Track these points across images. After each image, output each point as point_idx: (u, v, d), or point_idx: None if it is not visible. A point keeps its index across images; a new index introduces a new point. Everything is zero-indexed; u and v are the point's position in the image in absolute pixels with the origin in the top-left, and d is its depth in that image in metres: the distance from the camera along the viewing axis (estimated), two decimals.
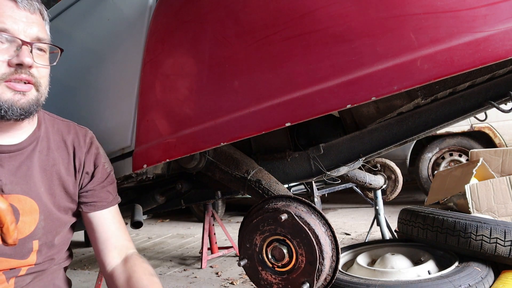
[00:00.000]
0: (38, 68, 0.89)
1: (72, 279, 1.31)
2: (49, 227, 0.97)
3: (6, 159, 0.91)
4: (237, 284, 2.45)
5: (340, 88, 0.81)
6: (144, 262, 1.03)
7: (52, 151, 1.00)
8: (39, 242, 0.95)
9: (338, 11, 0.81)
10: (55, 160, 1.00)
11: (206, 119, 0.98)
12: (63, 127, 1.05)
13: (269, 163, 1.40)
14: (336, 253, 0.98)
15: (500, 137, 3.81)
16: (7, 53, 0.84)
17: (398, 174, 2.24)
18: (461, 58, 0.72)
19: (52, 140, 1.01)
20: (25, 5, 0.86)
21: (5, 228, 0.70)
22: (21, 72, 0.84)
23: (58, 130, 1.03)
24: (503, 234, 1.27)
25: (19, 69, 0.84)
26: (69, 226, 1.05)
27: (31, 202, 0.93)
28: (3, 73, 0.83)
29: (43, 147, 0.99)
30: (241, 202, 5.75)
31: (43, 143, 0.99)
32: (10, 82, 0.84)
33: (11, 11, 0.85)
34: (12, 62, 0.83)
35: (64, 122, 1.07)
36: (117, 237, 1.05)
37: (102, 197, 1.06)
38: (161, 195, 1.65)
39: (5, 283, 0.91)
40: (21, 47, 0.84)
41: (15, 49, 0.84)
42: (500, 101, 1.11)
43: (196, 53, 1.01)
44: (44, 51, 0.92)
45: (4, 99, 0.83)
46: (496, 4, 0.71)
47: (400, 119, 1.26)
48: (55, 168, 0.99)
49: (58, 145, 1.02)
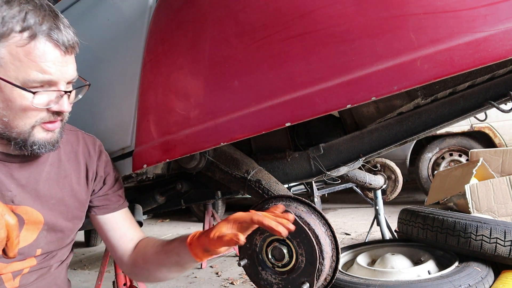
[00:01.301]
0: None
1: (72, 279, 1.31)
2: (51, 237, 0.98)
3: (16, 169, 0.91)
4: (237, 284, 2.45)
5: (340, 88, 0.81)
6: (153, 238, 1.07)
7: (63, 163, 1.01)
8: (42, 251, 0.97)
9: (338, 11, 0.81)
10: (66, 172, 1.01)
11: (206, 119, 0.98)
12: (72, 137, 1.07)
13: (269, 163, 1.40)
14: (336, 253, 0.98)
15: (500, 137, 3.81)
16: (49, 100, 0.84)
17: (398, 174, 2.24)
18: (461, 58, 0.72)
19: (63, 152, 1.02)
20: (66, 49, 0.84)
21: (10, 242, 0.71)
22: (58, 116, 0.87)
23: (68, 141, 1.05)
24: (503, 234, 1.27)
25: (56, 114, 0.86)
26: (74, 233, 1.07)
27: (38, 214, 0.94)
28: (42, 118, 0.85)
29: (54, 159, 1.00)
30: (241, 202, 5.75)
31: (54, 155, 1.00)
32: (46, 124, 0.86)
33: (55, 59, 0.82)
34: (52, 109, 0.85)
35: (72, 132, 1.08)
36: (133, 231, 1.10)
37: (114, 200, 1.10)
38: (161, 195, 1.65)
39: (11, 281, 0.93)
40: (62, 96, 0.85)
41: (56, 95, 0.85)
42: (500, 101, 1.11)
43: (196, 53, 1.01)
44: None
45: (37, 138, 0.86)
46: (496, 4, 0.71)
47: (400, 119, 1.26)
48: (67, 179, 1.01)
49: (69, 156, 1.03)
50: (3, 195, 0.89)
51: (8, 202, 0.90)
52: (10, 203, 0.90)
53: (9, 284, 0.92)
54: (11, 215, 0.72)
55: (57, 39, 0.81)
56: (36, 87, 0.81)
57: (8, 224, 0.70)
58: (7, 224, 0.70)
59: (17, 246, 0.72)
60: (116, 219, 1.09)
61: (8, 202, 0.90)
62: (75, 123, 1.15)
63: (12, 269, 0.92)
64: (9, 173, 0.90)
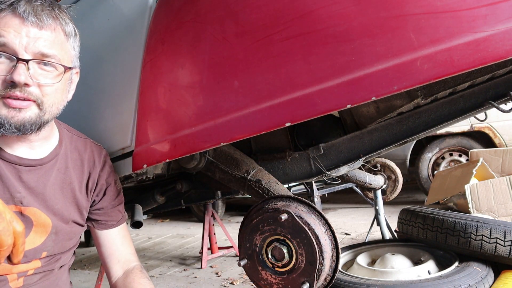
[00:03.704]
0: (41, 86, 0.86)
1: (72, 279, 1.32)
2: (59, 240, 0.99)
3: (25, 172, 0.92)
4: (237, 284, 2.45)
5: (340, 88, 0.81)
6: (143, 278, 1.07)
7: (69, 169, 1.02)
8: (47, 253, 0.98)
9: (338, 11, 0.81)
10: (71, 179, 1.02)
11: (206, 119, 0.98)
12: (80, 144, 1.07)
13: (269, 163, 1.40)
14: (336, 253, 0.98)
15: (500, 137, 3.81)
16: (4, 70, 0.82)
17: (398, 174, 2.24)
18: (461, 58, 0.72)
19: (70, 159, 1.03)
20: (33, 21, 0.83)
21: (15, 249, 0.71)
22: (15, 89, 0.82)
23: (76, 148, 1.05)
24: (503, 234, 1.27)
25: (13, 87, 0.82)
26: (77, 238, 1.09)
27: (45, 217, 0.95)
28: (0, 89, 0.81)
29: (62, 165, 1.00)
30: (241, 202, 5.75)
31: (62, 161, 1.00)
32: (7, 98, 0.82)
33: (15, 27, 0.82)
34: (6, 79, 0.81)
35: (81, 139, 1.08)
36: (121, 252, 1.11)
37: (113, 216, 1.11)
38: (161, 195, 1.65)
39: (16, 281, 0.94)
40: (17, 64, 0.81)
41: (12, 66, 0.82)
42: (500, 101, 1.11)
43: (196, 53, 1.01)
44: (54, 67, 0.88)
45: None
46: (496, 4, 0.71)
47: (400, 119, 1.26)
48: (70, 186, 1.01)
49: (75, 163, 1.04)
50: (12, 196, 0.89)
51: (17, 203, 0.90)
52: (20, 204, 0.91)
53: (13, 284, 0.93)
54: (19, 223, 0.72)
55: (23, 11, 0.83)
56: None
57: (16, 231, 0.70)
58: (15, 231, 0.70)
59: (22, 253, 0.73)
60: (110, 236, 1.11)
61: (17, 203, 0.90)
62: (76, 122, 1.15)
63: (18, 270, 0.93)
64: (18, 175, 0.91)
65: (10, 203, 0.90)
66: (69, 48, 0.93)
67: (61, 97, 0.92)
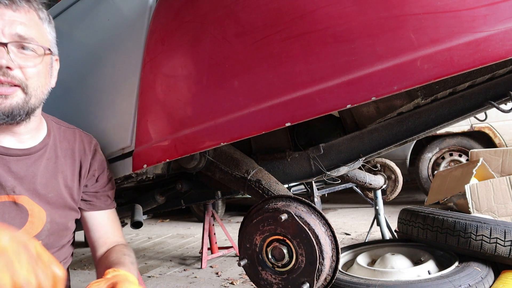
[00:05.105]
0: (23, 69, 0.85)
1: (72, 279, 1.31)
2: (53, 229, 0.99)
3: (14, 162, 0.92)
4: (237, 284, 2.45)
5: (340, 88, 0.81)
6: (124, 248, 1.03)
7: (60, 158, 1.02)
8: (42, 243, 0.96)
9: (338, 11, 0.81)
10: (62, 167, 1.02)
11: (206, 119, 0.98)
12: (70, 134, 1.07)
13: (269, 163, 1.40)
14: (336, 253, 0.98)
15: (500, 137, 3.81)
16: None
17: (398, 174, 2.24)
18: (461, 58, 0.72)
19: (60, 148, 1.03)
20: (6, 3, 0.83)
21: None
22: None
23: (65, 138, 1.05)
24: (503, 234, 1.27)
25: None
26: (72, 230, 1.08)
27: (38, 207, 0.95)
28: None
29: (51, 155, 1.00)
30: (241, 202, 5.74)
31: (51, 151, 1.00)
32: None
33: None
34: None
35: (70, 129, 1.08)
36: (109, 235, 1.09)
37: (102, 199, 1.10)
38: (161, 195, 1.65)
39: None
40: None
41: None
42: (500, 101, 1.11)
43: (196, 53, 1.01)
44: (34, 51, 0.87)
45: None
46: (496, 4, 0.71)
47: (400, 119, 1.26)
48: (62, 175, 1.01)
49: (66, 153, 1.04)
50: (3, 186, 0.89)
51: (9, 192, 0.90)
52: (12, 193, 0.90)
53: None
54: (59, 266, 0.65)
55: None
56: None
57: (55, 276, 0.63)
58: (54, 275, 0.63)
59: None
60: (99, 219, 1.09)
61: (9, 192, 0.90)
62: (76, 122, 1.15)
63: None
64: (6, 166, 0.90)
65: (2, 193, 0.89)
66: (45, 32, 0.92)
67: (45, 81, 0.91)
